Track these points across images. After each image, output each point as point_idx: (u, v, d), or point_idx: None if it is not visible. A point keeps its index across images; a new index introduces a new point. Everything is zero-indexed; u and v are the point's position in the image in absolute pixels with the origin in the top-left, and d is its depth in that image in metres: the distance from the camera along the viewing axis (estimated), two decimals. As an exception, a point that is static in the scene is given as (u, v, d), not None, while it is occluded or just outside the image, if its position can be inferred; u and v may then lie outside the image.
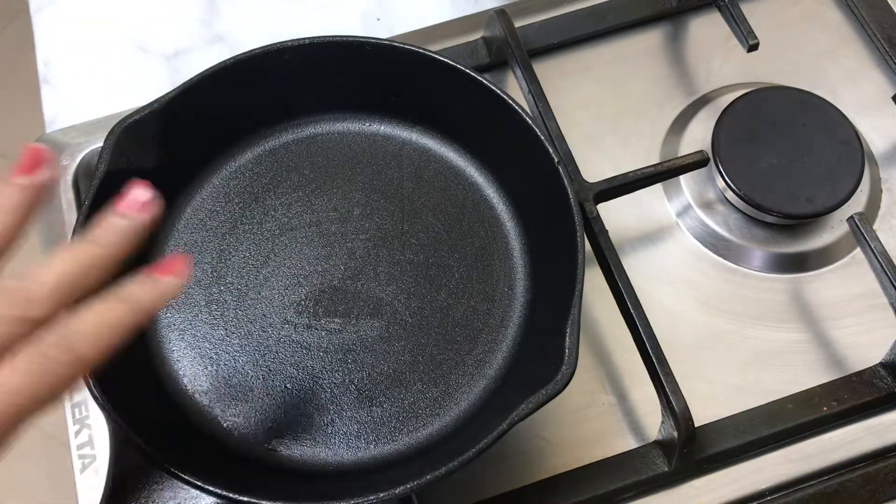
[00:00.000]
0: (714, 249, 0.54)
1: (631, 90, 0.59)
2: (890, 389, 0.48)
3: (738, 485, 0.47)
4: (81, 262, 0.32)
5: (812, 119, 0.53)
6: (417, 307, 0.47)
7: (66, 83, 0.61)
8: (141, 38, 0.62)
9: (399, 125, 0.52)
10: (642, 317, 0.46)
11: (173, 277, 0.34)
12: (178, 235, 0.49)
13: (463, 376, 0.46)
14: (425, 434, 0.45)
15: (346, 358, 0.46)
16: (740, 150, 0.53)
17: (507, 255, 0.49)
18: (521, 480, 0.47)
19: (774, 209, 0.51)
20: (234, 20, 0.63)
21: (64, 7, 0.63)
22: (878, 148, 0.57)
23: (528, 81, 0.53)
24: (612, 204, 0.51)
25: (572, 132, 0.53)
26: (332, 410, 0.45)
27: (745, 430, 0.47)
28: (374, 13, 0.63)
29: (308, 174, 0.51)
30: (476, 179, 0.51)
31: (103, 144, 0.44)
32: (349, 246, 0.49)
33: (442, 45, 0.58)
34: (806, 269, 0.53)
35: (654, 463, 0.47)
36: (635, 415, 0.49)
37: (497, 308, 0.47)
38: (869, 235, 0.48)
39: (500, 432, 0.38)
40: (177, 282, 0.34)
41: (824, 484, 0.47)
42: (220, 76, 0.47)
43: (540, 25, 0.59)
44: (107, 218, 0.34)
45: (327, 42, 0.48)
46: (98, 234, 0.33)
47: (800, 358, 0.51)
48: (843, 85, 0.59)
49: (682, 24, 0.61)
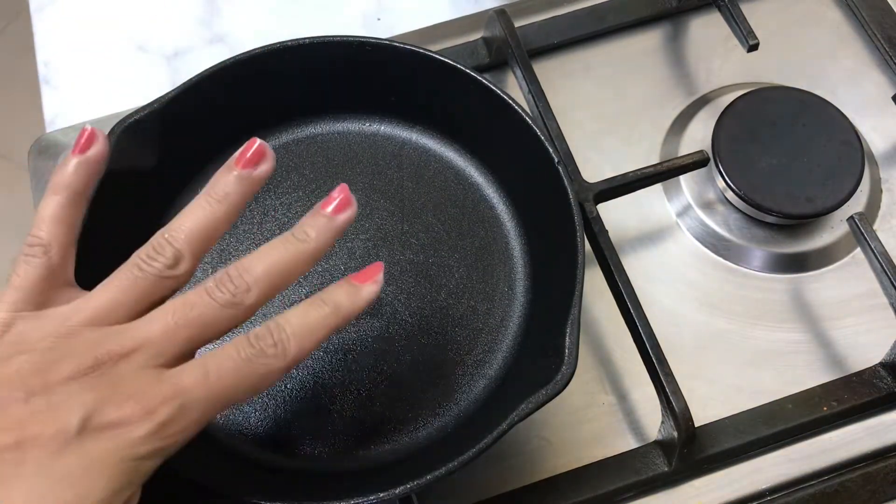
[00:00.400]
0: (714, 249, 0.54)
1: (631, 90, 0.59)
2: (890, 389, 0.48)
3: (738, 485, 0.47)
4: (290, 257, 0.33)
5: (812, 119, 0.54)
6: (417, 307, 0.47)
7: (66, 83, 0.61)
8: (141, 38, 0.62)
9: (399, 125, 0.52)
10: (642, 317, 0.46)
11: (373, 285, 0.35)
12: (178, 235, 0.49)
13: (463, 376, 0.46)
14: (425, 434, 0.45)
15: (346, 358, 0.46)
16: (740, 150, 0.53)
17: (507, 255, 0.49)
18: (521, 480, 0.47)
19: (774, 209, 0.51)
20: (234, 20, 0.63)
21: (64, 7, 0.63)
22: (878, 148, 0.57)
23: (528, 81, 0.53)
24: (612, 204, 0.51)
25: (572, 132, 0.53)
26: (332, 410, 0.45)
27: (745, 430, 0.47)
28: (374, 13, 0.63)
29: (308, 174, 0.51)
30: (476, 179, 0.51)
31: (103, 144, 0.44)
32: (349, 246, 0.49)
33: (442, 45, 0.58)
34: (806, 269, 0.53)
35: (654, 463, 0.47)
36: (635, 415, 0.49)
37: (497, 308, 0.48)
38: (869, 235, 0.48)
39: (500, 432, 0.38)
40: (376, 290, 0.35)
41: (824, 484, 0.47)
42: (220, 76, 0.47)
43: (540, 25, 0.59)
44: (315, 216, 0.34)
45: (327, 42, 0.48)
46: (306, 231, 0.34)
47: (800, 358, 0.51)
48: (843, 85, 0.59)
49: (682, 24, 0.61)
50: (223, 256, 0.49)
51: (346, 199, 0.35)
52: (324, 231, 0.34)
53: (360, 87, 0.51)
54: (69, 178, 0.36)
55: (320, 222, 0.34)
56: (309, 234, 0.34)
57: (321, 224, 0.34)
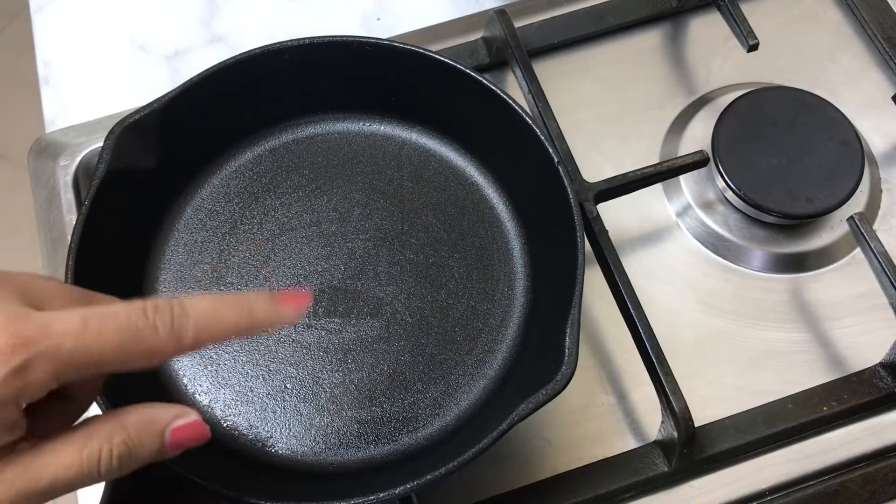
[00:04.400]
0: (714, 249, 0.54)
1: (631, 90, 0.59)
2: (890, 389, 0.48)
3: (738, 485, 0.47)
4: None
5: (812, 119, 0.53)
6: (417, 307, 0.47)
7: (66, 83, 0.61)
8: (141, 38, 0.62)
9: (399, 125, 0.52)
10: (642, 317, 0.46)
11: (294, 311, 0.33)
12: (178, 235, 0.49)
13: (463, 376, 0.46)
14: (425, 434, 0.45)
15: (345, 358, 0.46)
16: (740, 150, 0.53)
17: (507, 255, 0.49)
18: (521, 480, 0.47)
19: (774, 209, 0.51)
20: (234, 20, 0.63)
21: (64, 7, 0.63)
22: (878, 148, 0.57)
23: (528, 81, 0.53)
24: (612, 204, 0.51)
25: (572, 132, 0.53)
26: (332, 410, 0.45)
27: (745, 430, 0.47)
28: (374, 13, 0.63)
29: (308, 174, 0.51)
30: (476, 179, 0.51)
31: (103, 144, 0.44)
32: (349, 246, 0.49)
33: (442, 45, 0.58)
34: (806, 269, 0.53)
35: (654, 463, 0.47)
36: (635, 415, 0.49)
37: (497, 308, 0.47)
38: (869, 235, 0.48)
39: (500, 432, 0.38)
40: (295, 315, 0.33)
41: (824, 484, 0.47)
42: (220, 76, 0.47)
43: (540, 25, 0.59)
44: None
45: (327, 42, 0.48)
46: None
47: (800, 358, 0.51)
48: (843, 85, 0.59)
49: (682, 24, 0.61)
50: (223, 256, 0.49)
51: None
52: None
53: (359, 87, 0.51)
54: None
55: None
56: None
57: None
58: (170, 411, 0.32)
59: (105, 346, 0.28)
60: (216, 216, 0.50)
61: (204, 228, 0.49)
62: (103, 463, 0.30)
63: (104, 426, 0.30)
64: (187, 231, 0.49)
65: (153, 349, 0.30)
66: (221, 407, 0.45)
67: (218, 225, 0.49)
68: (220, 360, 0.46)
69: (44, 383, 0.28)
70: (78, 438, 0.30)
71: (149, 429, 0.31)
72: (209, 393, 0.45)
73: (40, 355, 0.27)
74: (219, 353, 0.46)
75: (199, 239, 0.49)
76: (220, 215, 0.50)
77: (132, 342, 0.29)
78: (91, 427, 0.30)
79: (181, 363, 0.46)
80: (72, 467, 0.29)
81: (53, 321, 0.28)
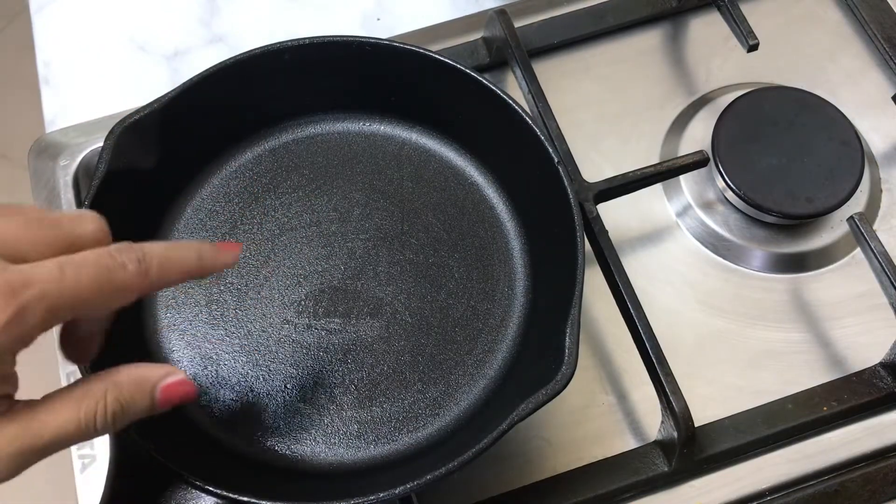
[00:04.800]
0: (714, 249, 0.54)
1: (631, 90, 0.59)
2: (890, 389, 0.48)
3: (738, 485, 0.47)
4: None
5: (812, 119, 0.54)
6: (417, 307, 0.47)
7: (66, 83, 0.61)
8: (141, 38, 0.62)
9: (399, 125, 0.52)
10: (642, 317, 0.46)
11: (230, 253, 0.37)
12: (178, 235, 0.49)
13: (463, 376, 0.46)
14: (425, 434, 0.45)
15: (345, 358, 0.46)
16: (740, 150, 0.53)
17: (507, 255, 0.49)
18: (521, 480, 0.47)
19: (774, 209, 0.51)
20: (234, 20, 0.63)
21: (64, 7, 0.63)
22: (878, 148, 0.57)
23: (528, 81, 0.53)
24: (612, 204, 0.51)
25: (572, 132, 0.53)
26: (332, 410, 0.45)
27: (745, 430, 0.47)
28: (374, 13, 0.63)
29: (308, 174, 0.51)
30: (476, 179, 0.51)
31: (103, 144, 0.44)
32: (349, 246, 0.49)
33: (442, 45, 0.58)
34: (806, 269, 0.53)
35: (654, 463, 0.47)
36: (635, 415, 0.49)
37: (497, 308, 0.47)
38: (869, 235, 0.48)
39: (500, 432, 0.38)
40: (231, 259, 0.37)
41: (824, 484, 0.47)
42: (220, 76, 0.47)
43: (540, 25, 0.59)
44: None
45: (327, 42, 0.48)
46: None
47: (800, 358, 0.51)
48: (843, 85, 0.59)
49: (682, 24, 0.61)
50: (223, 256, 0.49)
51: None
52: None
53: (359, 87, 0.51)
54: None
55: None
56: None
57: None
58: (159, 370, 0.35)
59: (83, 287, 0.30)
60: (216, 216, 0.50)
61: (204, 228, 0.49)
62: (99, 419, 0.32)
63: (99, 384, 0.32)
64: (187, 231, 0.49)
65: (125, 284, 0.32)
66: (221, 407, 0.45)
67: (218, 225, 0.49)
68: (220, 360, 0.46)
69: (36, 328, 0.29)
70: (75, 396, 0.32)
71: (140, 386, 0.34)
72: (209, 393, 0.45)
73: (30, 302, 0.29)
74: (219, 354, 0.46)
75: (199, 239, 0.49)
76: (220, 215, 0.50)
77: (106, 280, 0.31)
78: (86, 385, 0.32)
79: (182, 364, 0.46)
80: (70, 423, 0.31)
81: (34, 271, 0.30)
